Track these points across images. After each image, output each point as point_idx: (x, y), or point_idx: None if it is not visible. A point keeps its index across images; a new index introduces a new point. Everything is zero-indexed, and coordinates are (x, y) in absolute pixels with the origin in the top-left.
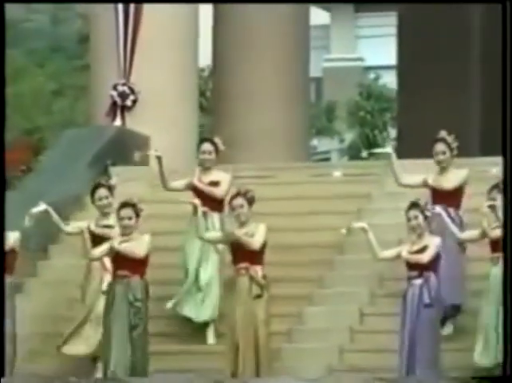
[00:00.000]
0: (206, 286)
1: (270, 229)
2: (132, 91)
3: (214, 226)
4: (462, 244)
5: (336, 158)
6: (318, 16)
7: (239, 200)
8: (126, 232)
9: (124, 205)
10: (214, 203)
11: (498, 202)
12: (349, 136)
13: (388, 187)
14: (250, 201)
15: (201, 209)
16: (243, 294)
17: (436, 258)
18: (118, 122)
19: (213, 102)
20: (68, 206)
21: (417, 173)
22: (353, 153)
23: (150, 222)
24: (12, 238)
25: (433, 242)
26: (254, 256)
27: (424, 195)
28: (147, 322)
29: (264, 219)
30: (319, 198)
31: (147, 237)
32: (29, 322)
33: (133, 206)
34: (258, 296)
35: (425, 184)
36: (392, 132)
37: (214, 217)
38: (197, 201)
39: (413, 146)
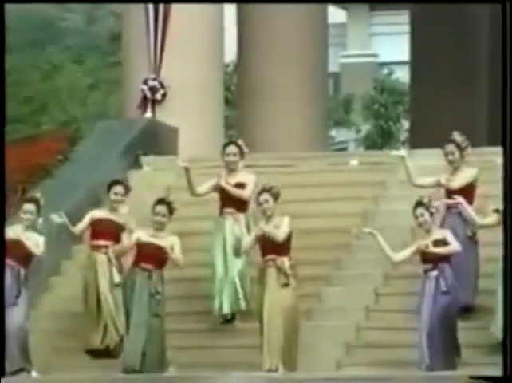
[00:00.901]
0: (238, 280)
1: (291, 215)
2: (162, 85)
3: (240, 226)
4: (473, 238)
5: (353, 148)
6: (336, 15)
7: (265, 196)
8: (157, 227)
9: (159, 201)
10: (240, 204)
11: None
12: (365, 128)
13: (402, 175)
14: (275, 196)
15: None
16: (271, 284)
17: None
18: (148, 114)
19: (237, 96)
20: (101, 193)
21: (431, 161)
22: (369, 143)
23: (177, 207)
24: (36, 241)
25: (448, 235)
26: (280, 248)
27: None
28: (164, 315)
29: (285, 205)
30: (337, 185)
31: (176, 239)
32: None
33: (168, 204)
34: (285, 284)
35: (438, 184)
36: (405, 124)
37: (241, 218)
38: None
39: (425, 137)
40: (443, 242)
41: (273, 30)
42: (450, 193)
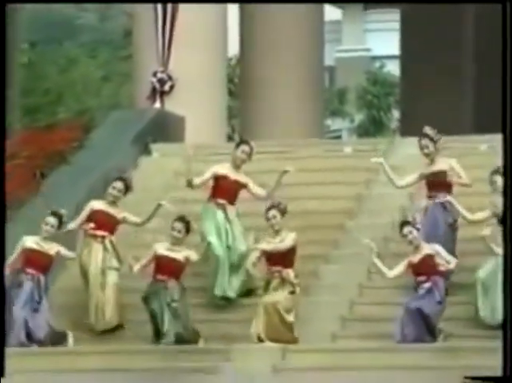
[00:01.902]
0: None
1: (290, 198)
2: (170, 78)
3: (230, 217)
4: (454, 225)
5: (347, 136)
6: (332, 13)
7: (273, 212)
8: (173, 242)
9: (179, 219)
10: (234, 198)
11: (499, 183)
12: (358, 117)
13: (391, 161)
14: (283, 212)
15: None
16: (274, 293)
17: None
18: (157, 105)
19: (240, 87)
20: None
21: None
22: (362, 132)
23: (183, 190)
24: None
25: (440, 250)
26: (286, 260)
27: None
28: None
29: (284, 189)
30: (332, 170)
31: (192, 253)
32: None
33: (187, 223)
34: (292, 292)
35: (422, 178)
36: (396, 113)
37: (232, 209)
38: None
39: (415, 126)
40: (434, 257)
41: (273, 27)
42: (429, 184)
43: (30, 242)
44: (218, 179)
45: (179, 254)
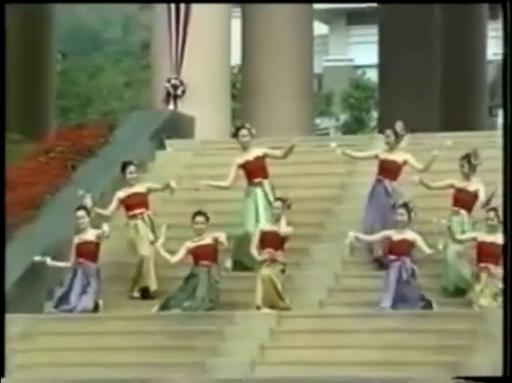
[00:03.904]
0: None
1: (284, 186)
2: (182, 83)
3: (267, 190)
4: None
5: (333, 133)
6: (319, 28)
7: (278, 203)
8: (198, 233)
9: (198, 213)
10: (264, 173)
11: (466, 169)
12: (343, 117)
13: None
14: (288, 205)
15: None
16: (268, 268)
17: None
18: (171, 107)
19: (242, 92)
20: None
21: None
22: (346, 129)
23: (192, 181)
24: (95, 233)
25: (419, 240)
26: (277, 243)
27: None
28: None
29: (279, 178)
30: (320, 163)
31: (220, 233)
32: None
33: (205, 214)
34: (282, 271)
35: (376, 157)
36: (375, 114)
37: (266, 183)
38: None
39: (391, 124)
40: (410, 243)
41: (270, 41)
42: (382, 167)
43: (77, 238)
44: (245, 165)
45: (207, 240)
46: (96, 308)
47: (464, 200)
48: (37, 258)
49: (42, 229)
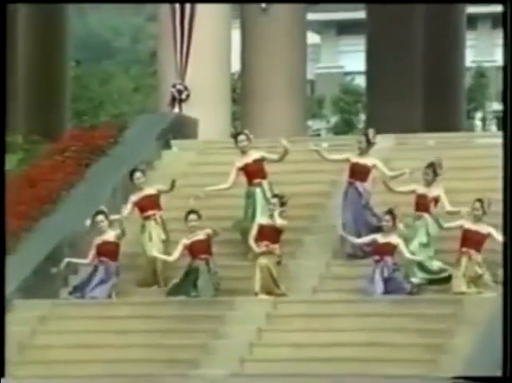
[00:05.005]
0: None
1: (278, 183)
2: (186, 88)
3: (266, 190)
4: (367, 206)
5: (324, 134)
6: (312, 38)
7: (274, 200)
8: (192, 230)
9: (190, 212)
10: (263, 174)
11: (430, 177)
12: (333, 119)
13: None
14: (283, 202)
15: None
16: (264, 262)
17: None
18: (176, 110)
19: (241, 96)
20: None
21: (381, 144)
22: (336, 131)
23: (195, 178)
24: (114, 234)
25: (401, 245)
26: (274, 236)
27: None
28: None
29: (275, 176)
30: (312, 161)
31: (208, 230)
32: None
33: (197, 213)
34: (278, 263)
35: (347, 160)
36: (363, 116)
37: (265, 183)
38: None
39: (377, 126)
40: (393, 246)
41: (267, 50)
42: (352, 170)
43: (98, 239)
44: (245, 168)
45: (200, 236)
46: (109, 298)
47: (426, 205)
48: (55, 270)
49: (59, 222)
